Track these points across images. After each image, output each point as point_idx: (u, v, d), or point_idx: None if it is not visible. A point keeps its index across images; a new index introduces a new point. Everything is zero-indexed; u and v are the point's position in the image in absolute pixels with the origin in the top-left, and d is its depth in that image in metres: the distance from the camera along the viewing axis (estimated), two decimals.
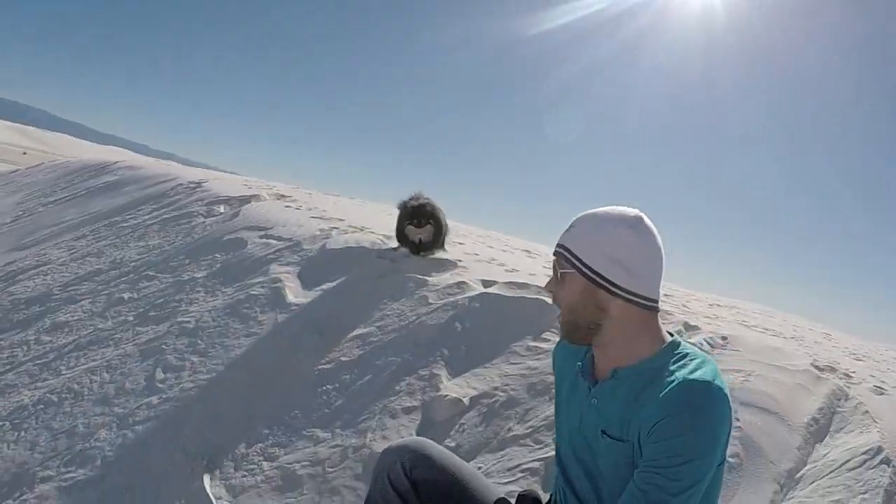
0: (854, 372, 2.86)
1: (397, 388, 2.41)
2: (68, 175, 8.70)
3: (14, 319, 3.94)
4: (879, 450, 1.94)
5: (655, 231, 1.20)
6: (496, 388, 2.32)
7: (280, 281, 3.27)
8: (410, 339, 2.68)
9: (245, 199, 4.85)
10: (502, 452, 2.06)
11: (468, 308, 2.82)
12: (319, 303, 3.08)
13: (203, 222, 4.48)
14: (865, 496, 1.81)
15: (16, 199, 8.33)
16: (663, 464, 1.04)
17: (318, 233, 3.88)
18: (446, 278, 3.15)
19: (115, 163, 8.29)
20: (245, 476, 2.17)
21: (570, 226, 1.23)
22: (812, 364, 2.46)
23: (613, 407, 1.18)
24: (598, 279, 1.18)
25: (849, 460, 1.94)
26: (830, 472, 1.90)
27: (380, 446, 2.03)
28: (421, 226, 3.32)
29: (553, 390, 1.46)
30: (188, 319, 3.13)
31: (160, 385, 2.76)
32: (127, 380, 2.86)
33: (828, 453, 1.99)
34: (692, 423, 1.04)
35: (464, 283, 3.05)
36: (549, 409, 2.10)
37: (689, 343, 1.24)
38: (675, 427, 1.05)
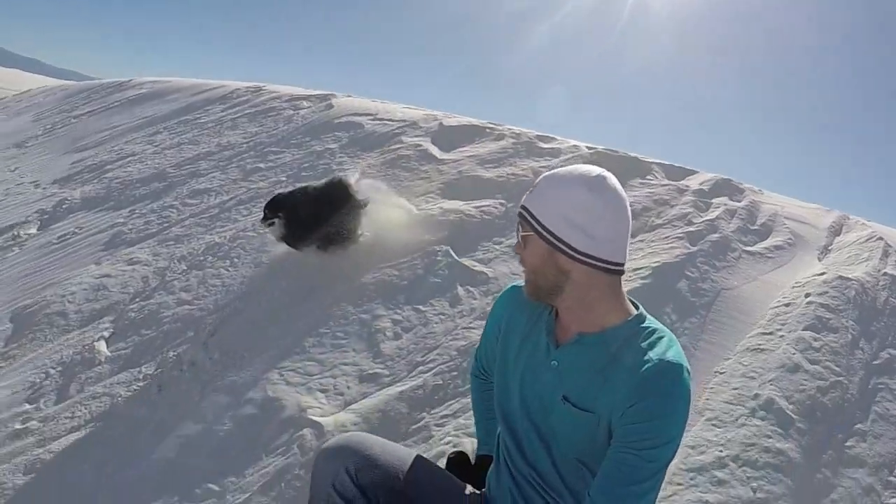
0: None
1: None
2: (80, 94, 8.55)
3: (138, 194, 4.21)
4: (873, 235, 3.04)
5: (620, 190, 1.15)
6: None
7: (420, 145, 3.71)
8: None
9: (323, 97, 5.16)
10: None
11: None
12: (464, 158, 3.56)
13: (297, 113, 4.79)
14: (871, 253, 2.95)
15: (27, 119, 8.17)
16: (638, 446, 1.06)
17: (424, 116, 4.30)
18: None
19: (130, 80, 8.22)
20: None
21: (534, 186, 1.19)
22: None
23: (577, 374, 1.17)
24: (557, 243, 1.14)
25: (856, 241, 3.13)
26: (847, 246, 3.10)
27: None
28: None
29: (485, 334, 1.41)
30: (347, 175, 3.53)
31: None
32: None
33: (843, 239, 3.20)
34: (667, 407, 1.07)
35: None
36: None
37: (649, 315, 1.20)
38: (651, 411, 1.06)
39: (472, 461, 1.47)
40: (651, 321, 1.18)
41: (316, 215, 2.82)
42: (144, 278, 3.12)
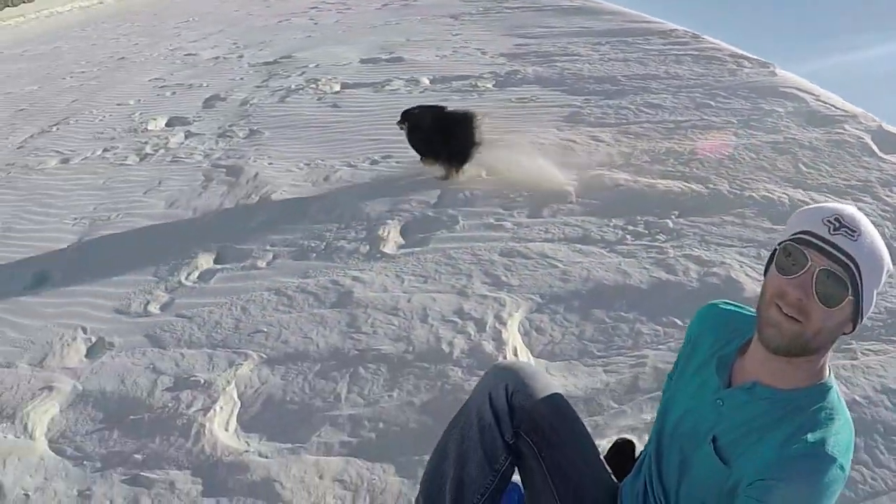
0: None
1: None
2: None
3: (591, 88, 4.77)
4: None
5: None
6: None
7: (862, 139, 3.65)
8: None
9: (763, 63, 5.19)
10: None
11: None
12: None
13: (740, 69, 4.89)
14: None
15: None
16: None
17: (864, 113, 4.14)
18: None
19: None
20: None
21: (853, 229, 0.98)
22: None
23: (735, 422, 1.08)
24: (864, 313, 1.02)
25: None
26: None
27: None
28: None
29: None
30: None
31: None
32: None
33: None
34: (799, 499, 0.96)
35: None
36: None
37: (836, 386, 1.08)
38: (781, 495, 0.96)
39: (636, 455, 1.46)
40: (833, 395, 1.05)
41: (434, 135, 3.41)
42: (608, 155, 3.66)
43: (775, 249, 1.04)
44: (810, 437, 0.98)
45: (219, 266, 3.04)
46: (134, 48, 9.83)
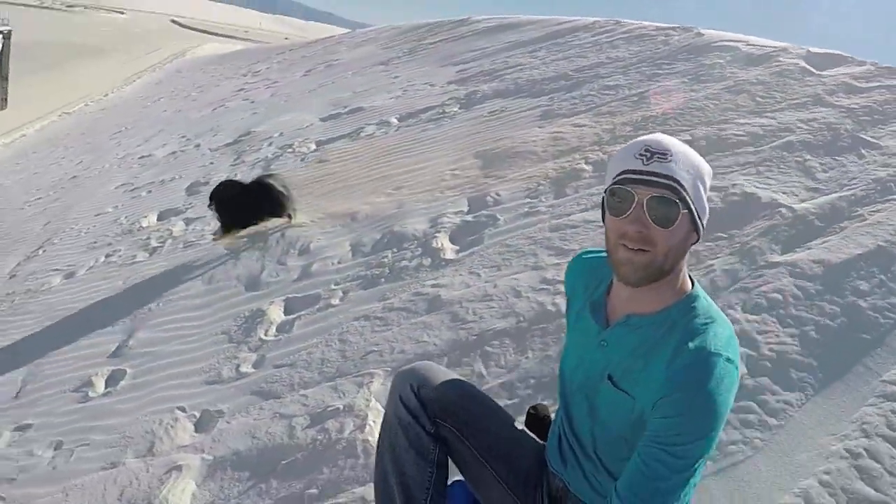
0: None
1: None
2: (417, 29, 10.24)
3: (548, 88, 5.24)
4: None
5: None
6: None
7: (799, 63, 4.23)
8: None
9: (685, 28, 5.80)
10: None
11: None
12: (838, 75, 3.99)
13: (669, 38, 5.51)
14: None
15: (372, 48, 10.05)
16: (666, 441, 1.02)
17: (789, 46, 4.76)
18: None
19: (468, 17, 9.62)
20: None
21: (663, 153, 1.08)
22: None
23: (622, 355, 1.16)
24: (701, 221, 1.11)
25: None
26: None
27: None
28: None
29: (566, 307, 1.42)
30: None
31: None
32: None
33: None
34: (698, 401, 1.02)
35: None
36: None
37: (703, 293, 1.17)
38: (681, 405, 1.03)
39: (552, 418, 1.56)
40: (702, 302, 1.14)
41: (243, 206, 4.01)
42: (596, 134, 4.07)
43: (604, 196, 1.13)
44: (691, 345, 1.05)
45: (292, 316, 3.19)
46: (80, 167, 9.72)
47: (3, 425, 2.96)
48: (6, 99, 18.69)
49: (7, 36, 18.54)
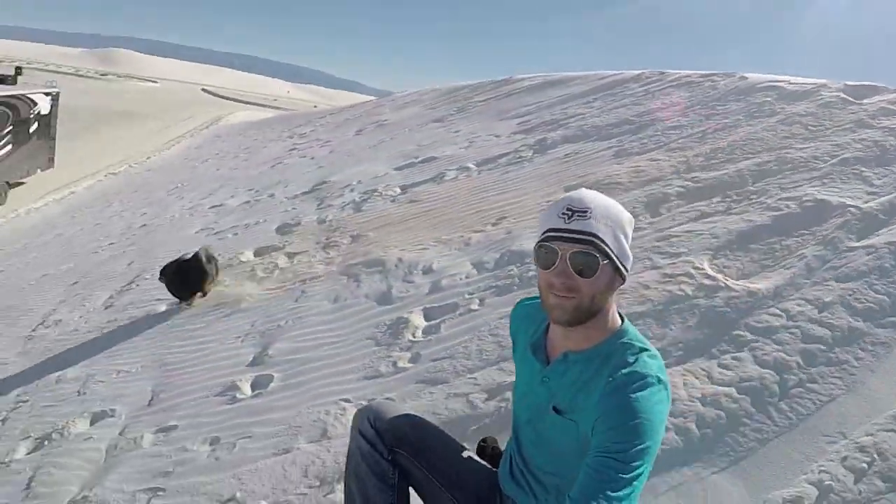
0: None
1: None
2: (460, 90, 11.09)
3: (614, 132, 5.84)
4: None
5: None
6: None
7: (840, 95, 4.83)
8: None
9: (727, 74, 6.47)
10: None
11: None
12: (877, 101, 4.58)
13: (717, 83, 6.17)
14: None
15: (416, 109, 10.82)
16: (612, 450, 1.14)
17: (826, 83, 5.38)
18: None
19: (510, 77, 10.44)
20: None
21: (583, 210, 1.22)
22: None
23: (562, 387, 1.31)
24: (624, 269, 1.26)
25: None
26: None
27: None
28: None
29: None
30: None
31: None
32: None
33: None
34: (630, 413, 1.14)
35: None
36: None
37: (632, 327, 1.32)
38: (617, 417, 1.15)
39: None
40: (631, 334, 1.29)
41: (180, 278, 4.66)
42: (672, 166, 4.62)
43: (534, 250, 1.28)
44: (624, 371, 1.20)
45: (435, 321, 3.57)
46: (145, 218, 9.82)
47: (141, 429, 3.16)
48: (53, 158, 19.54)
49: (56, 98, 19.53)
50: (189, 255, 4.82)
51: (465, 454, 1.62)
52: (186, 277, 4.73)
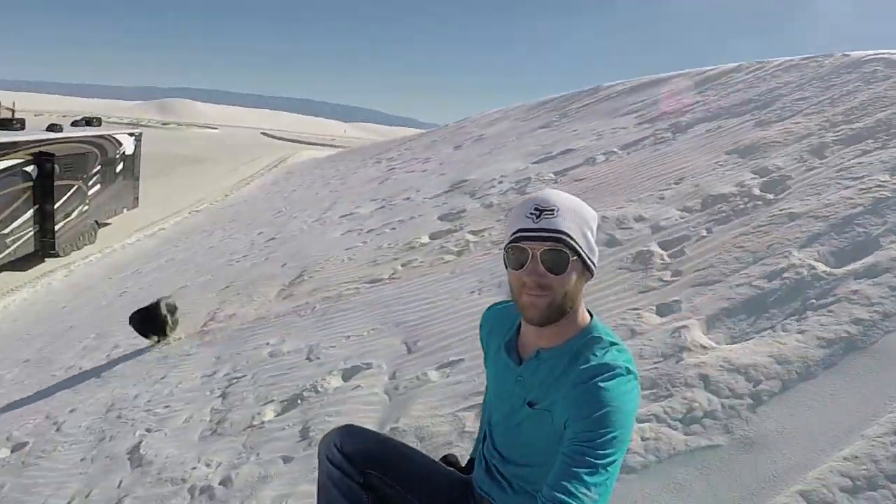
0: None
1: None
2: (542, 105, 12.15)
3: (742, 108, 6.90)
4: None
5: None
6: None
7: None
8: None
9: (826, 55, 7.50)
10: None
11: None
12: None
13: (821, 65, 7.21)
14: None
15: (508, 124, 11.85)
16: (585, 438, 1.19)
17: None
18: None
19: (598, 86, 11.56)
20: None
21: (550, 209, 1.27)
22: None
23: (537, 384, 1.36)
24: (592, 265, 1.31)
25: None
26: None
27: None
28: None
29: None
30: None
31: None
32: None
33: None
34: (601, 402, 1.20)
35: None
36: None
37: (601, 323, 1.37)
38: (588, 406, 1.21)
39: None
40: (599, 330, 1.34)
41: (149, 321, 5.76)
42: (818, 124, 5.61)
43: (504, 252, 1.31)
44: (593, 363, 1.27)
45: (675, 248, 4.55)
46: (267, 235, 9.99)
47: (417, 370, 3.38)
48: (137, 198, 20.82)
49: (139, 138, 20.70)
50: (152, 304, 5.90)
51: (433, 463, 1.69)
52: (153, 325, 5.83)
